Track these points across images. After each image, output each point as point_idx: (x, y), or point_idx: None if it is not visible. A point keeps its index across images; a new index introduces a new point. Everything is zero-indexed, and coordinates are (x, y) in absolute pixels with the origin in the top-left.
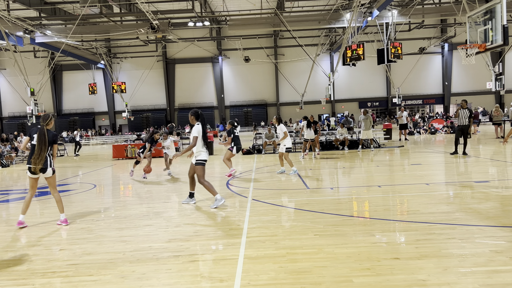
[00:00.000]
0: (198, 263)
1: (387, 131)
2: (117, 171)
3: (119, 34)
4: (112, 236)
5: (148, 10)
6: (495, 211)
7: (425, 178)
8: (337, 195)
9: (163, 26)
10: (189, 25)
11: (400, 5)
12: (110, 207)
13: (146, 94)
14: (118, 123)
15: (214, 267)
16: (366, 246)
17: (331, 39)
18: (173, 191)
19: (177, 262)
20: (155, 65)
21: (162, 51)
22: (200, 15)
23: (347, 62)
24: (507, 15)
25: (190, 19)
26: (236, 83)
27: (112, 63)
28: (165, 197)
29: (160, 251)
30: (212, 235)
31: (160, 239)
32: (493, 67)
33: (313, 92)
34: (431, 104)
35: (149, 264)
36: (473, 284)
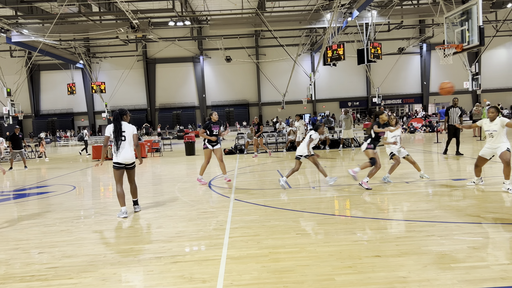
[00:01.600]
0: (180, 264)
1: (367, 130)
2: (97, 172)
3: (98, 34)
4: (93, 238)
5: (128, 9)
6: (473, 208)
7: (405, 176)
8: (319, 194)
9: (143, 25)
10: (169, 24)
11: (379, 5)
12: (91, 209)
13: (126, 94)
14: (97, 123)
15: (197, 268)
16: (347, 244)
17: (312, 39)
18: (154, 192)
19: (159, 264)
20: (136, 65)
21: (142, 50)
22: (181, 15)
23: (327, 62)
24: (483, 16)
25: (171, 18)
26: (217, 83)
27: (91, 63)
28: (145, 198)
29: (142, 253)
30: (194, 236)
31: (141, 240)
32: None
33: (295, 92)
34: (410, 104)
35: (130, 266)
36: (452, 280)
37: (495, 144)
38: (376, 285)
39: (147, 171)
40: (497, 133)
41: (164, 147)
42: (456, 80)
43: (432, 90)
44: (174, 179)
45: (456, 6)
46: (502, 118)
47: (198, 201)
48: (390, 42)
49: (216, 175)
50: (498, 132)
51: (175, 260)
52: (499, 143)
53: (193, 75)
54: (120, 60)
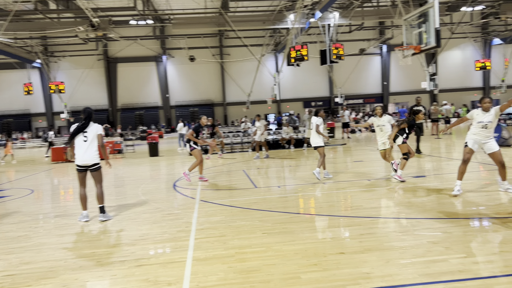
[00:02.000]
0: (144, 267)
1: (330, 130)
2: (56, 175)
3: (56, 32)
4: (52, 243)
5: (87, 7)
6: (432, 204)
7: (367, 174)
8: (284, 193)
9: (104, 24)
10: (131, 23)
11: (341, 7)
12: (50, 213)
13: (86, 94)
14: (56, 124)
15: (162, 271)
16: (313, 242)
17: (276, 39)
18: (116, 195)
19: (122, 268)
20: (96, 64)
21: (103, 49)
22: (143, 13)
23: (291, 62)
24: (439, 19)
25: (132, 17)
26: (181, 83)
27: (49, 62)
28: (108, 201)
29: (104, 257)
30: (159, 238)
31: (104, 244)
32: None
33: (259, 92)
34: (371, 103)
35: (92, 271)
36: (413, 275)
37: (485, 138)
38: (340, 281)
39: (109, 173)
40: (492, 124)
41: (126, 148)
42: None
43: (392, 90)
44: (138, 181)
45: (414, 8)
46: (495, 107)
47: (163, 203)
48: (352, 43)
49: (181, 176)
50: (493, 123)
51: (139, 264)
52: (490, 138)
53: (156, 74)
54: (80, 59)
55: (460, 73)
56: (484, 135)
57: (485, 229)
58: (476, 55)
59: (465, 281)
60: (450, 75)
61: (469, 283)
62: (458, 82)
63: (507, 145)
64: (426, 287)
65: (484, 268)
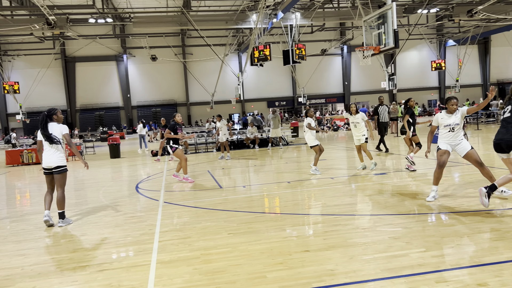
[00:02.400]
0: (107, 272)
1: (294, 129)
2: (12, 179)
3: (10, 30)
4: (8, 250)
5: (43, 4)
6: (392, 200)
7: (330, 172)
8: (250, 193)
9: (61, 22)
10: (89, 21)
11: (303, 8)
12: (5, 219)
13: (43, 95)
14: (11, 126)
15: (125, 275)
16: (278, 241)
17: (239, 39)
18: (76, 198)
19: (84, 273)
20: (53, 64)
21: (60, 48)
22: (102, 12)
23: (254, 62)
24: (397, 20)
25: (91, 15)
26: (143, 83)
27: (3, 61)
28: (67, 205)
29: (65, 263)
30: (122, 242)
31: (64, 249)
32: (386, 68)
33: (223, 91)
34: (333, 103)
35: (52, 278)
36: (375, 270)
37: (455, 140)
38: (306, 279)
39: (68, 176)
40: (459, 126)
41: (86, 150)
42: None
43: (353, 90)
44: (98, 183)
45: (373, 10)
46: (462, 109)
47: (125, 206)
48: (314, 43)
49: (143, 178)
50: (460, 125)
51: (101, 268)
52: (460, 140)
53: (116, 74)
54: (36, 59)
55: (417, 73)
56: (454, 137)
57: (443, 223)
58: (432, 56)
59: (424, 274)
60: (408, 75)
61: (429, 276)
62: (415, 81)
63: None
64: (388, 281)
65: (442, 261)
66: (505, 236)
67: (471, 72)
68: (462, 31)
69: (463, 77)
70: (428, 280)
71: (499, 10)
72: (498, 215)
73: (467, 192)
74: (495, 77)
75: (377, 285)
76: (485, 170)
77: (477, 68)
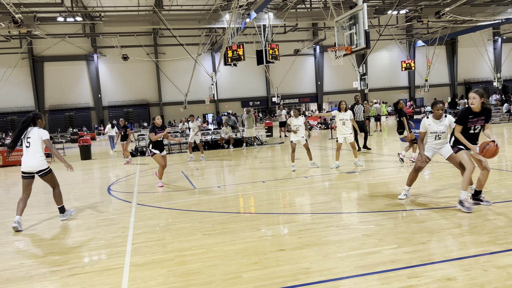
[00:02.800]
0: (79, 276)
1: (268, 129)
2: None
3: None
4: None
5: (9, 2)
6: (365, 198)
7: (304, 171)
8: (224, 193)
9: (28, 20)
10: (58, 20)
11: (275, 8)
12: None
13: (10, 95)
14: None
15: (97, 279)
16: (253, 241)
17: (212, 39)
18: (46, 201)
19: (54, 278)
20: (20, 63)
21: (27, 47)
22: (71, 10)
23: (228, 62)
24: (368, 21)
25: (60, 13)
26: (114, 83)
27: None
28: (36, 208)
29: (34, 268)
30: (94, 245)
31: (33, 254)
32: (358, 68)
33: (197, 91)
34: (306, 103)
35: (21, 284)
36: (349, 267)
37: (441, 144)
38: (281, 278)
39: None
40: (445, 134)
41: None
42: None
43: (326, 90)
44: (69, 185)
45: (345, 11)
46: (450, 119)
47: (97, 208)
48: (287, 43)
49: (115, 180)
50: (446, 133)
51: (73, 273)
52: (445, 143)
53: (86, 74)
54: (2, 58)
55: (388, 73)
56: (440, 144)
57: (414, 220)
58: (402, 56)
59: (397, 271)
60: (379, 75)
61: (401, 272)
62: (386, 81)
63: None
64: (361, 278)
65: (414, 257)
66: (473, 232)
67: (440, 72)
68: (431, 32)
69: (432, 77)
70: (401, 276)
71: (465, 12)
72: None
73: (437, 190)
74: (462, 77)
75: (351, 282)
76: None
77: (445, 68)
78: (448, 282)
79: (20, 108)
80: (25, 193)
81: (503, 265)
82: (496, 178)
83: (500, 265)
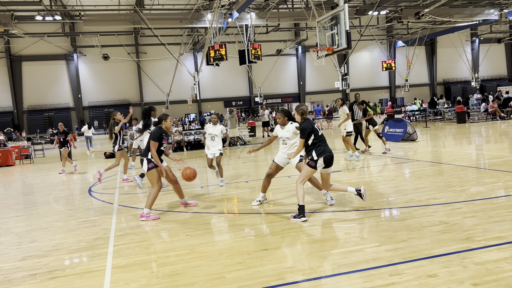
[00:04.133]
0: (59, 279)
1: (251, 129)
2: None
3: None
4: None
5: None
6: (346, 197)
7: (287, 171)
8: (208, 193)
9: (5, 19)
10: (36, 18)
11: (257, 8)
12: None
13: None
14: None
15: (79, 282)
16: (236, 241)
17: (194, 38)
18: (24, 203)
19: (34, 281)
20: None
21: (5, 46)
22: (50, 9)
23: (210, 62)
24: (349, 21)
25: (38, 12)
26: (95, 82)
27: None
28: (15, 211)
29: (13, 272)
30: (75, 248)
31: (11, 258)
32: (339, 68)
33: (179, 91)
34: (289, 102)
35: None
36: (332, 266)
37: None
38: (265, 278)
39: (16, 180)
40: (289, 140)
41: (35, 153)
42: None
43: (308, 90)
44: (49, 187)
45: (327, 11)
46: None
47: (78, 210)
48: (269, 43)
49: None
50: (290, 139)
51: (53, 276)
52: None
53: (66, 74)
54: None
55: (369, 73)
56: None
57: (395, 218)
58: (382, 56)
59: (379, 268)
60: (360, 75)
61: (383, 270)
62: (367, 81)
63: (412, 139)
64: (344, 277)
65: (395, 255)
66: (453, 229)
67: (419, 72)
68: (411, 32)
69: (412, 77)
70: (383, 273)
71: (444, 13)
72: (447, 210)
73: (418, 188)
74: (441, 76)
75: (334, 280)
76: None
77: (425, 68)
78: (429, 279)
79: None
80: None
81: (481, 261)
82: (475, 176)
83: (478, 262)
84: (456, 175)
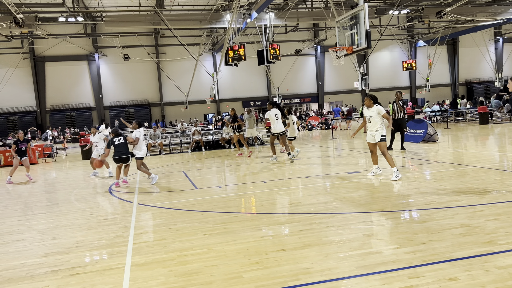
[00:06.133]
0: (80, 276)
1: (269, 129)
2: None
3: None
4: None
5: (10, 2)
6: (366, 198)
7: (305, 171)
8: (225, 193)
9: (29, 20)
10: (59, 20)
11: (276, 8)
12: None
13: (11, 95)
14: None
15: (99, 279)
16: (254, 241)
17: (213, 39)
18: (47, 201)
19: (56, 278)
20: (22, 63)
21: (29, 47)
22: (72, 10)
23: (229, 62)
24: (369, 21)
25: (61, 13)
26: (115, 83)
27: None
28: (38, 208)
29: (35, 268)
30: (95, 245)
31: (34, 254)
32: (359, 68)
33: (198, 91)
34: (307, 103)
35: (22, 283)
36: (350, 267)
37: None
38: (282, 278)
39: (39, 179)
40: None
41: (58, 152)
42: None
43: (327, 90)
44: (70, 185)
45: (346, 11)
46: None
47: (98, 208)
48: (288, 43)
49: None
50: (375, 118)
51: (74, 272)
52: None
53: (88, 74)
54: (3, 58)
55: (389, 73)
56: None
57: (414, 220)
58: (403, 56)
59: (398, 271)
60: (380, 75)
61: (402, 272)
62: (387, 81)
63: (432, 140)
64: (362, 278)
65: (415, 257)
66: (474, 232)
67: (441, 72)
68: (432, 32)
69: (433, 77)
70: (402, 276)
71: (466, 12)
72: (468, 212)
73: (439, 190)
74: (464, 77)
75: (352, 282)
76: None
77: (446, 68)
78: (450, 282)
79: (21, 108)
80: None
81: (504, 265)
82: (498, 178)
83: (501, 266)
84: (478, 177)
